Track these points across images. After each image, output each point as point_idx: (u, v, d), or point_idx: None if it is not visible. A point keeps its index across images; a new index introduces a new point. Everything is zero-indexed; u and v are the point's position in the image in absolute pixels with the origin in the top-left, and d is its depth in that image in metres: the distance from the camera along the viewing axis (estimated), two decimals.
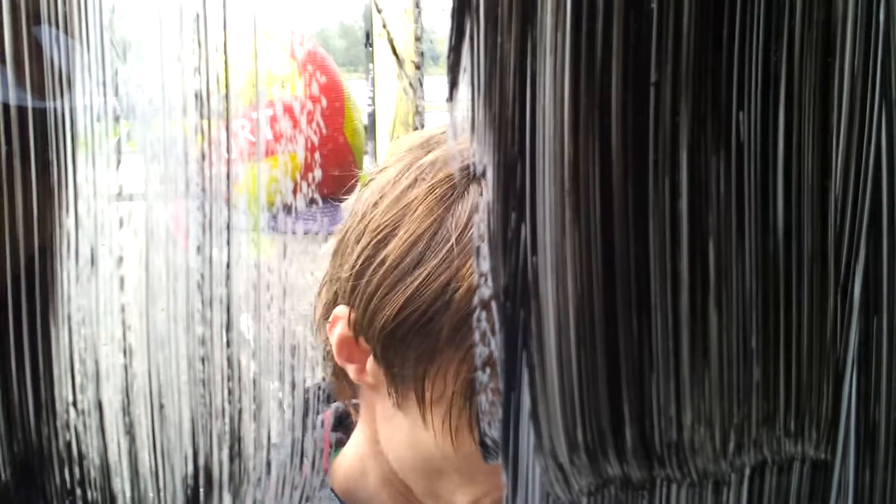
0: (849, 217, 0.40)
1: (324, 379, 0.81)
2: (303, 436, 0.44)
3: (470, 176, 0.63)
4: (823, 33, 0.37)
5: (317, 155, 0.43)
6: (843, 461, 0.42)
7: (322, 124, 0.45)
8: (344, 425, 0.83)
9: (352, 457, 0.77)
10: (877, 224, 0.40)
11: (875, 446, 0.42)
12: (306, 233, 0.44)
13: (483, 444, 0.41)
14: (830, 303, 0.40)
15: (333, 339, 0.72)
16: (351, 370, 0.72)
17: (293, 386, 0.44)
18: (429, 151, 0.68)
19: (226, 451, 0.43)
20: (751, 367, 0.39)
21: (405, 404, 0.67)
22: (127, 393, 0.42)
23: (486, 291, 0.39)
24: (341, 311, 0.70)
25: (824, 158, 0.39)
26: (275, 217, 0.44)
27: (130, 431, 0.42)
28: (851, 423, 0.42)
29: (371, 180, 0.72)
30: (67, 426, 0.42)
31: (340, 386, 0.78)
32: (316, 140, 0.44)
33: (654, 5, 0.36)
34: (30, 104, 0.40)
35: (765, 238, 0.39)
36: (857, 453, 0.42)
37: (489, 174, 0.38)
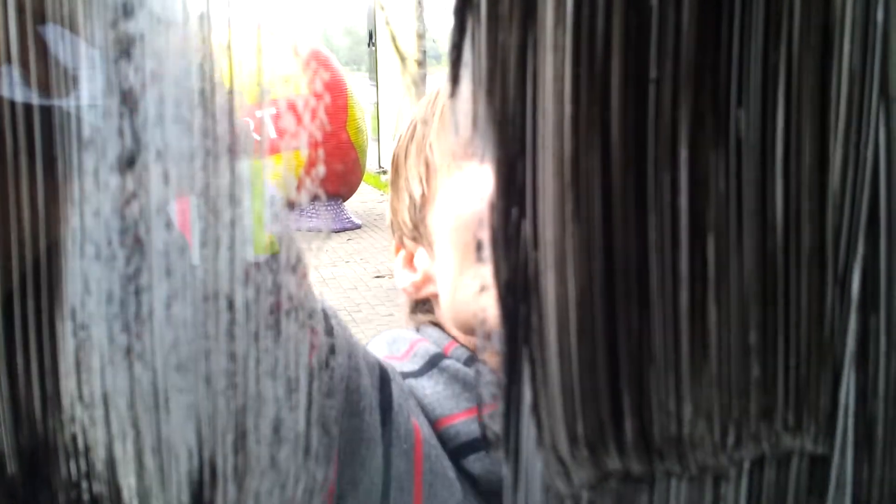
0: (847, 214, 0.40)
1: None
2: (307, 428, 0.44)
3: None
4: (822, 33, 0.38)
5: (320, 152, 0.44)
6: (842, 456, 0.42)
7: (325, 121, 0.45)
8: None
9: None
10: (874, 221, 0.41)
11: (873, 441, 0.42)
12: (310, 230, 0.44)
13: (485, 438, 0.41)
14: (828, 299, 0.40)
15: (398, 267, 0.85)
16: (409, 280, 0.83)
17: (297, 381, 0.44)
18: None
19: (230, 444, 0.43)
20: (750, 362, 0.40)
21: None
22: (132, 386, 0.42)
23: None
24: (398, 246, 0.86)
25: (823, 156, 0.39)
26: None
27: (136, 425, 0.42)
28: (849, 418, 0.42)
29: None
30: (73, 419, 0.42)
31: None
32: (319, 137, 0.44)
33: (655, 3, 0.36)
34: (36, 101, 0.40)
35: (764, 234, 0.39)
36: (856, 448, 0.42)
37: (491, 170, 0.38)
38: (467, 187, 0.74)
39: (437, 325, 0.83)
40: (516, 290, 0.39)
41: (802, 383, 0.41)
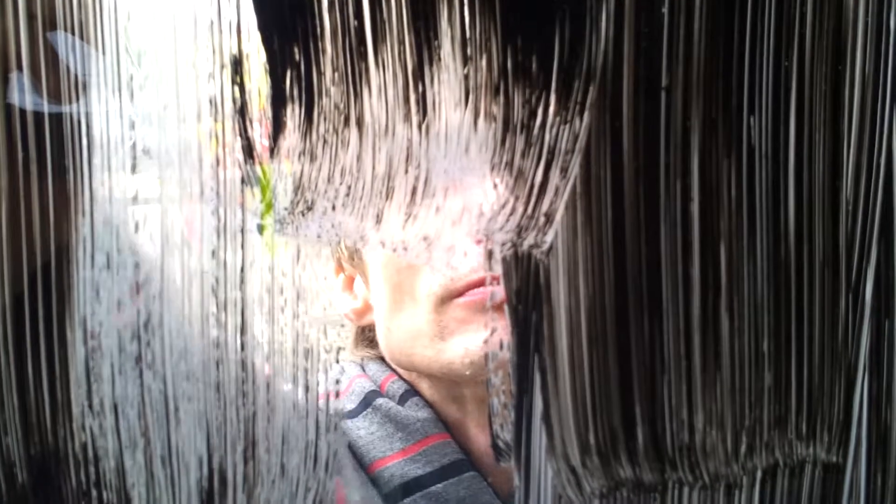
0: (860, 221, 0.40)
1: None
2: (316, 438, 0.44)
3: None
4: (834, 39, 0.37)
5: None
6: (855, 464, 0.42)
7: None
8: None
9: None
10: (888, 228, 0.40)
11: (887, 449, 0.42)
12: (319, 236, 0.44)
13: (495, 447, 0.41)
14: (842, 306, 0.40)
15: (338, 290, 0.80)
16: (350, 307, 0.78)
17: (307, 389, 0.44)
18: None
19: (239, 453, 0.43)
20: (762, 370, 0.40)
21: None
22: (142, 395, 0.42)
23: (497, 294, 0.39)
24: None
25: (835, 162, 0.39)
26: None
27: (145, 433, 0.42)
28: (863, 426, 0.42)
29: None
30: (83, 428, 0.42)
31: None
32: None
33: (666, 10, 0.36)
34: (46, 109, 0.40)
35: (776, 242, 0.39)
36: (869, 456, 0.42)
37: (502, 178, 0.38)
38: None
39: (381, 357, 0.81)
40: (527, 298, 0.39)
41: (816, 391, 0.40)
